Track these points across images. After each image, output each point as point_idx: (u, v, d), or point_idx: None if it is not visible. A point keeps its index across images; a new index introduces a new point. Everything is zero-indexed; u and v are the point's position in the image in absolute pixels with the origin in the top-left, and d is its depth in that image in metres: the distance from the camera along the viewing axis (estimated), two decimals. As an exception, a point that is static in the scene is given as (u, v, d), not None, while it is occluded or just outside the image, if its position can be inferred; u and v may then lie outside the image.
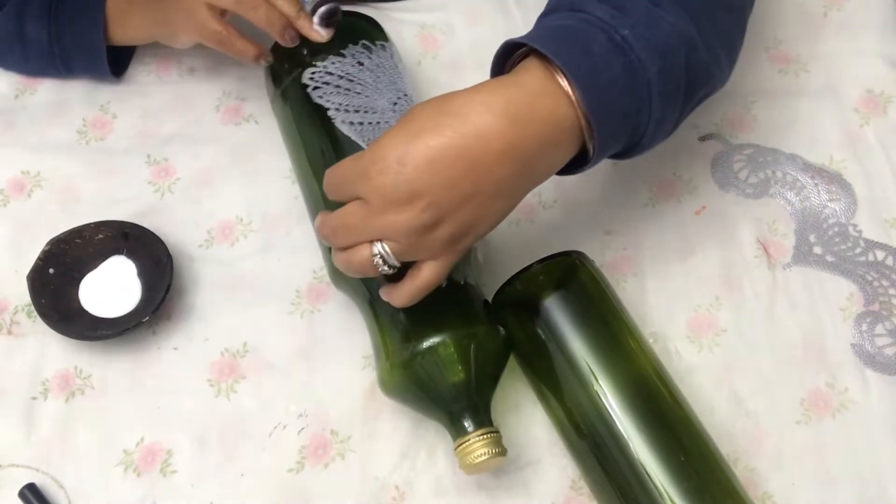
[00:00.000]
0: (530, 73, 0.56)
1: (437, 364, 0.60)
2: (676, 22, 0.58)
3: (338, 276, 0.66)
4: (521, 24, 0.83)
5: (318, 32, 0.69)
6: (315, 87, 0.69)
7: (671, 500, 0.55)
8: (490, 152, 0.54)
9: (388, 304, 0.61)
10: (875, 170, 0.75)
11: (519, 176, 0.56)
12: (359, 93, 0.68)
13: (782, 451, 0.64)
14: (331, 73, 0.69)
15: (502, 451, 0.59)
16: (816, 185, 0.74)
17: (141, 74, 0.82)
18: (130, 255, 0.71)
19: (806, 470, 0.64)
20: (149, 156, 0.77)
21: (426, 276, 0.57)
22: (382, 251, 0.55)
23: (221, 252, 0.73)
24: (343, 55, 0.70)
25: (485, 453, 0.58)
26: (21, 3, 0.76)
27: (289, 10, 0.68)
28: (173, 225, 0.73)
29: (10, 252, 0.73)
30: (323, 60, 0.69)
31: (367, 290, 0.64)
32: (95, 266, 0.71)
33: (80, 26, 0.76)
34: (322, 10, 0.68)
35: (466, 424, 0.60)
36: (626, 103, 0.57)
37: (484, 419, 0.60)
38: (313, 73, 0.69)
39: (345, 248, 0.57)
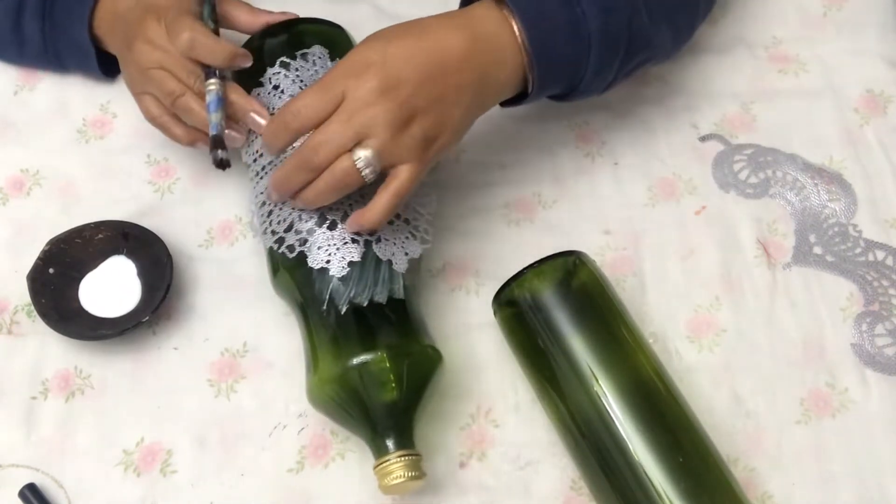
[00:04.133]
0: (481, 5, 0.63)
1: (368, 381, 0.59)
2: None
3: (277, 282, 0.66)
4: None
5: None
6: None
7: (669, 501, 0.55)
8: (452, 57, 0.60)
9: (321, 314, 0.61)
10: (875, 170, 0.75)
11: (476, 87, 0.61)
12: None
13: (782, 451, 0.64)
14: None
15: (420, 475, 0.59)
16: (816, 185, 0.74)
17: (141, 74, 0.82)
18: (130, 255, 0.71)
19: (806, 470, 0.63)
20: (149, 156, 0.77)
21: (403, 178, 0.59)
22: (365, 153, 0.58)
23: (221, 252, 0.73)
24: (261, 83, 0.68)
25: (402, 476, 0.58)
26: (19, 2, 0.76)
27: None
28: (173, 225, 0.73)
29: (10, 252, 0.73)
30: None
31: (301, 296, 0.63)
32: (95, 266, 0.71)
33: (69, 27, 0.75)
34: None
35: (389, 444, 0.59)
36: (568, 50, 0.63)
37: (406, 441, 0.60)
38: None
39: (323, 170, 0.59)
